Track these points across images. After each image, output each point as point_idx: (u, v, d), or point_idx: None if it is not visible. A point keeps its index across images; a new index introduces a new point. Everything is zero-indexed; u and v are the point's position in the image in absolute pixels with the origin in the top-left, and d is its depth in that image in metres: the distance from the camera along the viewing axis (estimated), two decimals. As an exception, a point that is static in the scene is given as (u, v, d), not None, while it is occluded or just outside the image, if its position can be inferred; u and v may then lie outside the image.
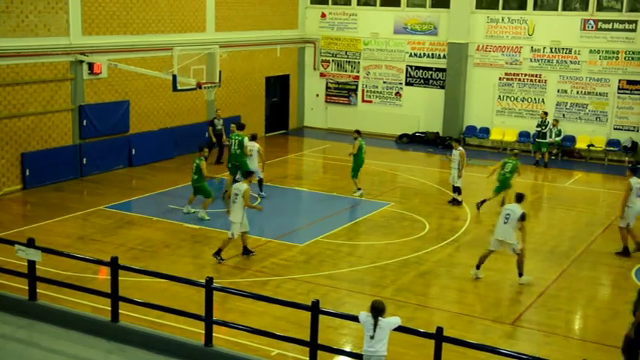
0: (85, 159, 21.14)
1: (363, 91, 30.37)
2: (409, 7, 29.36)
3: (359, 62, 30.28)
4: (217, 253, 14.41)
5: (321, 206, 19.27)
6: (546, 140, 25.06)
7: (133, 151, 22.63)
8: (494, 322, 12.33)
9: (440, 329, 8.72)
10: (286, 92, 30.44)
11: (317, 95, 31.07)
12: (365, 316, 8.58)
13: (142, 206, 18.53)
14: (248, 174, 15.34)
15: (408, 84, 29.54)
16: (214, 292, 9.71)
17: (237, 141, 18.75)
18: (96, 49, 21.11)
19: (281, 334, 9.99)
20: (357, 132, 20.14)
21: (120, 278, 10.34)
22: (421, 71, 29.25)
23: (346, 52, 30.41)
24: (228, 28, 26.34)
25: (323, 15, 30.64)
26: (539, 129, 25.22)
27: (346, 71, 30.57)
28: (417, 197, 20.26)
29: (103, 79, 21.59)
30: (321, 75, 31.03)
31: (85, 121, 21.09)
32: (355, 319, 8.82)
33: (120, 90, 22.25)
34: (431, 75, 29.06)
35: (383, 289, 13.54)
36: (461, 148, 19.38)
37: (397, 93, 29.72)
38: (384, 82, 29.93)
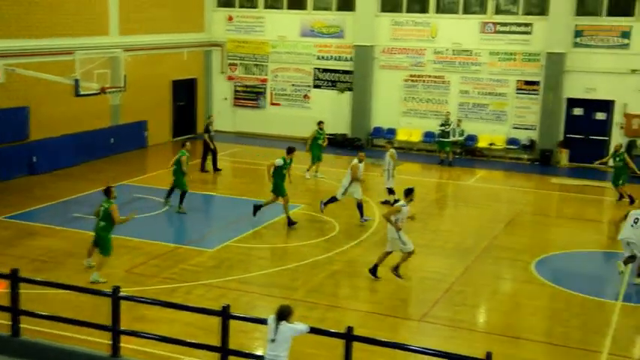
0: (-20, 168, 20.32)
1: (271, 94, 30.41)
2: (315, 10, 29.61)
3: (267, 65, 30.30)
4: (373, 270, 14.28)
5: (231, 210, 19.18)
6: (450, 140, 25.81)
7: (34, 159, 21.86)
8: (403, 319, 12.60)
9: (349, 328, 8.85)
10: (193, 96, 30.12)
11: (225, 99, 30.89)
12: (270, 320, 8.59)
13: (45, 215, 17.92)
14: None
15: (315, 86, 29.78)
16: (121, 301, 9.52)
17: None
18: (-8, 54, 20.31)
19: (191, 341, 9.89)
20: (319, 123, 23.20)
21: (22, 291, 9.98)
22: (328, 74, 29.54)
23: (254, 55, 30.38)
24: (132, 31, 25.84)
25: (230, 18, 30.50)
26: (442, 129, 25.94)
27: (254, 74, 30.53)
28: (325, 199, 20.40)
29: (0, 85, 20.78)
30: (229, 78, 30.88)
31: (-22, 129, 20.27)
32: (265, 322, 8.83)
33: (19, 96, 21.46)
34: (338, 77, 29.39)
35: (294, 291, 13.59)
36: (392, 149, 19.78)
37: (305, 95, 29.92)
38: (293, 85, 30.07)
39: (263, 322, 8.90)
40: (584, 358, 11.25)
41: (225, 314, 9.10)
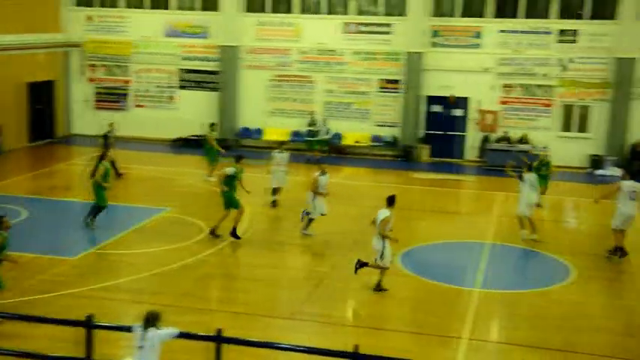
0: None
1: (134, 95, 29.71)
2: (179, 10, 29.21)
3: (129, 66, 29.57)
4: None
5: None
6: (317, 138, 26.26)
7: None
8: (273, 317, 12.68)
9: (219, 330, 8.83)
10: (51, 99, 28.90)
11: (86, 101, 29.87)
12: (137, 326, 8.42)
13: None
14: None
15: (181, 87, 29.39)
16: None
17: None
18: None
19: (53, 355, 9.52)
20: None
21: None
22: (194, 74, 29.23)
23: (116, 56, 29.56)
24: (-19, 31, 24.47)
25: (89, 18, 29.50)
26: (310, 128, 26.35)
27: (116, 76, 29.71)
28: (194, 201, 20.24)
29: None
30: (90, 80, 29.89)
31: None
32: (132, 330, 8.65)
33: None
34: (204, 78, 29.14)
35: (164, 296, 13.36)
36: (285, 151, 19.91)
37: (171, 97, 29.44)
38: (157, 86, 29.53)
39: (129, 329, 8.72)
40: (446, 344, 11.76)
41: (88, 324, 8.83)
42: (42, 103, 28.38)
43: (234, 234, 16.45)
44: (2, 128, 25.57)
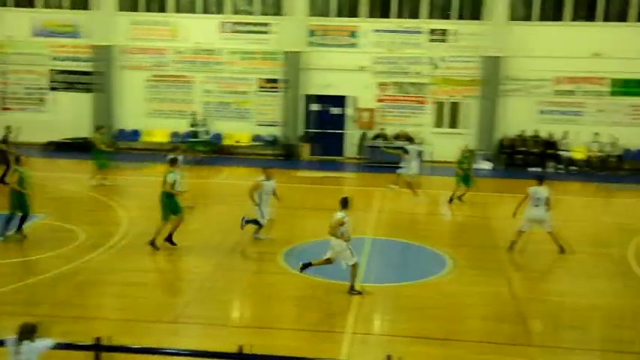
0: None
1: (1, 97, 28.28)
2: (46, 9, 28.05)
3: (-5, 67, 28.20)
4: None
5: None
6: (199, 139, 25.99)
7: None
8: (155, 322, 12.40)
9: (98, 339, 8.55)
10: None
11: (-53, 104, 28.26)
12: (10, 340, 8.03)
13: None
14: None
15: (52, 89, 28.27)
16: None
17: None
18: None
19: None
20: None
21: None
22: (66, 75, 28.19)
23: (-21, 56, 28.10)
24: None
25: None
26: (193, 129, 26.03)
27: (-19, 77, 28.25)
28: (70, 206, 19.52)
29: None
30: (-48, 82, 28.29)
31: None
32: (4, 344, 8.23)
33: None
34: (77, 79, 28.16)
35: (37, 306, 12.78)
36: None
37: (41, 99, 28.23)
38: (26, 88, 28.26)
39: (2, 343, 8.29)
40: (330, 340, 11.90)
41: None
42: None
43: (170, 240, 15.88)
44: None
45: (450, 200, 20.87)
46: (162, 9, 27.87)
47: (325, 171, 25.33)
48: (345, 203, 13.93)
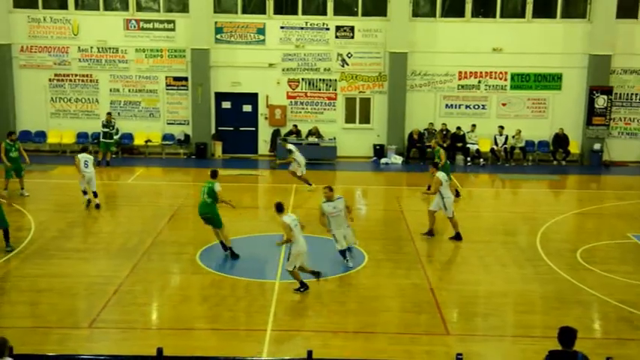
0: None
1: None
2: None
3: None
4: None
5: None
6: (113, 140, 25.44)
7: None
8: (71, 328, 12.07)
9: (10, 349, 8.28)
10: None
11: None
12: None
13: None
14: None
15: (-53, 90, 26.92)
16: None
17: None
18: None
19: None
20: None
21: None
22: (-39, 75, 26.92)
23: None
24: None
25: None
26: (106, 130, 25.40)
27: None
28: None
29: None
30: None
31: None
32: None
33: None
34: (-28, 79, 26.93)
35: (-58, 318, 12.22)
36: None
37: None
38: None
39: None
40: (250, 338, 11.91)
41: None
42: None
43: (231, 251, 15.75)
44: None
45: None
46: (62, 6, 26.98)
47: (239, 169, 25.17)
48: (279, 207, 13.87)
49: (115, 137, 25.90)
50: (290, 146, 22.38)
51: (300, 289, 13.68)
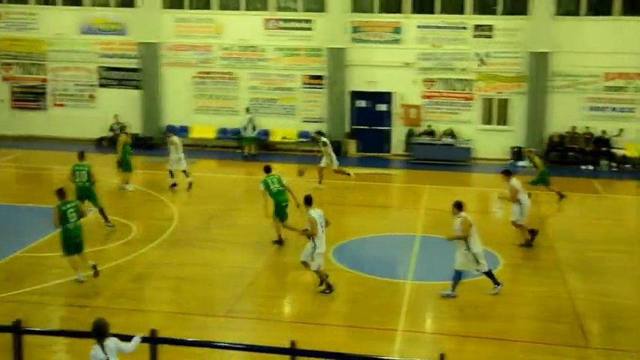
0: None
1: (53, 94, 28.84)
2: (93, 7, 28.52)
3: (45, 64, 28.67)
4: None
5: (17, 219, 17.90)
6: (249, 136, 26.34)
7: None
8: (208, 316, 12.56)
9: (153, 331, 8.69)
10: (-37, 99, 27.76)
11: (1, 100, 28.81)
12: (96, 350, 8.06)
13: None
14: None
15: (102, 85, 28.69)
16: None
17: None
18: None
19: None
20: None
21: None
22: (114, 72, 28.58)
23: (30, 53, 28.61)
24: None
25: (-1, 15, 28.50)
26: (245, 125, 26.36)
27: (32, 74, 28.77)
28: (120, 201, 19.81)
29: None
30: (5, 79, 28.84)
31: None
32: (64, 333, 8.40)
33: None
34: (125, 76, 28.51)
35: (95, 298, 13.04)
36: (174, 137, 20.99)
37: (91, 95, 28.69)
38: (76, 85, 28.74)
39: (62, 333, 8.45)
40: (381, 337, 11.89)
41: (17, 330, 8.52)
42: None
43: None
44: None
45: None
46: (207, 6, 28.06)
47: (373, 168, 25.17)
48: (308, 200, 13.69)
49: (253, 133, 26.69)
50: (324, 139, 22.22)
51: (325, 290, 13.45)
